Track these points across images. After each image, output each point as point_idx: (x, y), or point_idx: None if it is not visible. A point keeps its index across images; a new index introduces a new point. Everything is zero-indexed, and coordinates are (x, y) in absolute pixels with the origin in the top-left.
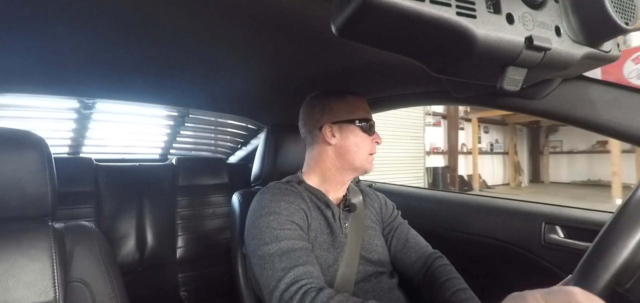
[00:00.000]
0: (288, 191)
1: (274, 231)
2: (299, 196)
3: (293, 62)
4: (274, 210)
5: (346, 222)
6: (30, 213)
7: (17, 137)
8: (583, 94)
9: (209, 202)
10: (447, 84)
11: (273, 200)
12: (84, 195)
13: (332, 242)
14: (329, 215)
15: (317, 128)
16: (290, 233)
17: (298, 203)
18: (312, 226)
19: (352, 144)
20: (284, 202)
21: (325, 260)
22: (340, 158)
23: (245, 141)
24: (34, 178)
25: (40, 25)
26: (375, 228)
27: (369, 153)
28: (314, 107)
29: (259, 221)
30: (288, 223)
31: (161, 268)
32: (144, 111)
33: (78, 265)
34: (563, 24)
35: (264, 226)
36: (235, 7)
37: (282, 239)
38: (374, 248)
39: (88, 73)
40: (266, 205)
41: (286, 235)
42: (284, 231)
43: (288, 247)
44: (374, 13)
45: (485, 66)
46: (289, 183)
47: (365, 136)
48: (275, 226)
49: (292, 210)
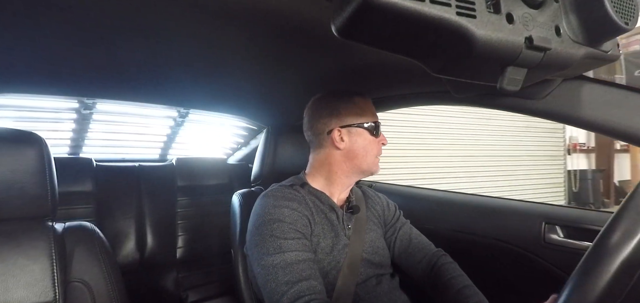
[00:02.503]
0: (291, 196)
1: (277, 241)
2: (303, 201)
3: (293, 62)
4: (277, 218)
5: (349, 224)
6: (30, 213)
7: (17, 137)
8: (583, 94)
9: (209, 202)
10: (447, 84)
11: (276, 206)
12: (84, 195)
13: (335, 245)
14: (333, 218)
15: (325, 132)
16: (294, 243)
17: (301, 209)
18: (315, 231)
19: (360, 148)
20: (287, 209)
21: (328, 263)
22: (348, 161)
23: (245, 141)
24: (34, 178)
25: (40, 25)
26: (376, 230)
27: (376, 155)
28: (321, 110)
29: (262, 229)
30: (291, 231)
31: (161, 268)
32: (144, 111)
33: (78, 265)
34: (563, 24)
35: (267, 235)
36: (235, 7)
37: (286, 250)
38: (376, 250)
39: (88, 73)
40: (269, 211)
41: (290, 245)
42: (287, 242)
43: (292, 259)
44: (374, 13)
45: (485, 66)
46: (292, 187)
47: (373, 138)
48: (279, 235)
49: (296, 217)
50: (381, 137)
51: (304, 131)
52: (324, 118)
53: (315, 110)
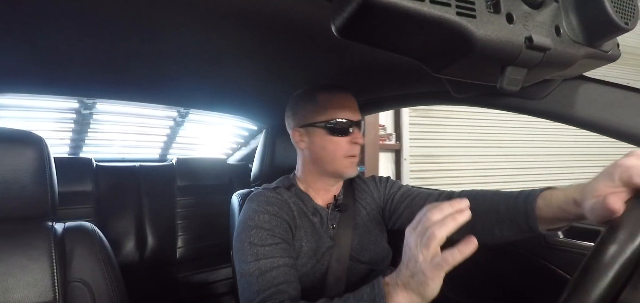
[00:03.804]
0: (273, 200)
1: (254, 248)
2: (285, 204)
3: (293, 62)
4: (255, 224)
5: (334, 224)
6: (30, 213)
7: (17, 137)
8: (583, 94)
9: (208, 202)
10: (447, 84)
11: (257, 211)
12: (84, 195)
13: (318, 248)
14: (316, 220)
15: (290, 133)
16: (271, 250)
17: (281, 214)
18: (296, 235)
19: (319, 149)
20: (267, 214)
21: (312, 267)
22: (314, 163)
23: (245, 141)
24: (34, 178)
25: (40, 25)
26: (367, 224)
27: (344, 156)
28: (287, 110)
29: (242, 236)
30: (269, 237)
31: (161, 268)
32: (144, 111)
33: (78, 265)
34: (563, 23)
35: (246, 242)
36: (235, 7)
37: (262, 258)
38: (365, 247)
39: (88, 73)
40: (250, 217)
41: (266, 252)
42: (264, 248)
43: (266, 267)
44: (374, 13)
45: (485, 66)
46: (275, 190)
47: (337, 138)
48: (256, 241)
49: (275, 222)
50: (353, 135)
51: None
52: (288, 118)
53: (286, 110)
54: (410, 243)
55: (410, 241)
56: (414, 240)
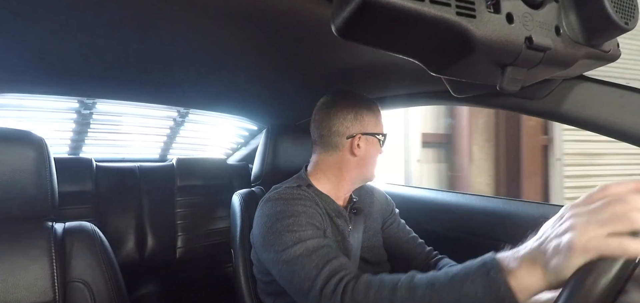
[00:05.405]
0: (302, 195)
1: (295, 234)
2: (314, 201)
3: (293, 62)
4: (291, 213)
5: (350, 225)
6: (30, 213)
7: (17, 137)
8: (583, 94)
9: (209, 202)
10: (447, 84)
11: (289, 204)
12: (84, 195)
13: (342, 250)
14: (340, 222)
15: (345, 135)
16: (312, 232)
17: (315, 208)
18: (326, 232)
19: (372, 158)
20: (301, 205)
21: None
22: (358, 168)
23: (245, 141)
24: (34, 178)
25: (40, 25)
26: (374, 228)
27: (378, 166)
28: (344, 112)
29: (277, 226)
30: (309, 225)
31: (161, 268)
32: (144, 111)
33: (78, 265)
34: (563, 23)
35: (284, 230)
36: (235, 6)
37: (306, 239)
38: (373, 249)
39: (88, 73)
40: (281, 209)
41: (309, 234)
42: (306, 232)
43: (314, 246)
44: (373, 13)
45: (485, 66)
46: (299, 188)
47: (380, 149)
48: (296, 228)
49: (311, 212)
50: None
51: (312, 129)
52: (348, 122)
53: (337, 110)
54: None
55: (577, 218)
56: (587, 216)
